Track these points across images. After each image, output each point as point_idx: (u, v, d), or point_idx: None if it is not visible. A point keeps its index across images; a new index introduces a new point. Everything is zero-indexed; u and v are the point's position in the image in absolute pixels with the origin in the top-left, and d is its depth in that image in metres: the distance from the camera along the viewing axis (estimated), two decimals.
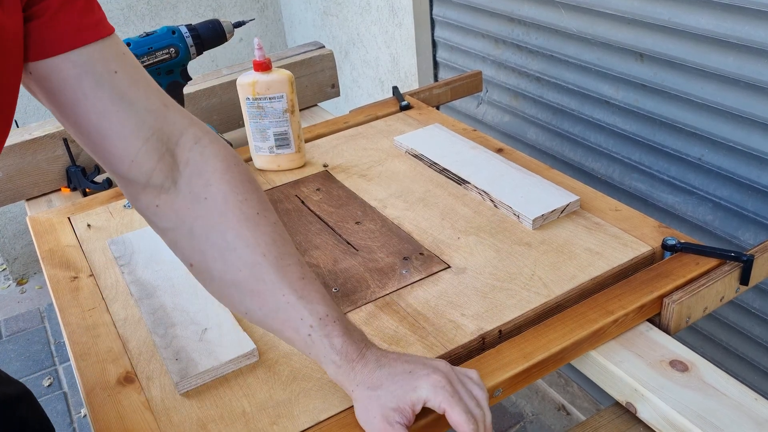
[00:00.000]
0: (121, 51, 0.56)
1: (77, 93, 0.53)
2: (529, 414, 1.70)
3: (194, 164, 0.59)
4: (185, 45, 1.03)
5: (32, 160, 1.13)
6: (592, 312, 0.74)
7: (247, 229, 0.58)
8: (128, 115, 0.54)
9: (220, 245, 0.58)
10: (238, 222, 0.58)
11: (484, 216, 0.94)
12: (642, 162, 1.26)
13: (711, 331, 1.25)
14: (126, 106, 0.54)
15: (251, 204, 0.59)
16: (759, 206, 1.09)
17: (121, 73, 0.54)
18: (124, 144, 0.55)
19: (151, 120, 0.56)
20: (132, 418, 0.67)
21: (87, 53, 0.53)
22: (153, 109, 0.56)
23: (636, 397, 0.68)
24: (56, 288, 0.87)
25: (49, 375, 2.00)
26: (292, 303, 0.58)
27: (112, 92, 0.53)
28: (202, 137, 0.60)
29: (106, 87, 0.53)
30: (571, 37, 1.31)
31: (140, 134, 0.55)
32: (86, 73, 0.53)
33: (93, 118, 0.54)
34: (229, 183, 0.59)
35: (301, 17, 2.44)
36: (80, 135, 0.56)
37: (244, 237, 0.58)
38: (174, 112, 0.59)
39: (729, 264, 0.79)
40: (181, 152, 0.59)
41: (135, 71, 0.57)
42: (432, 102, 1.34)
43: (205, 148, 0.60)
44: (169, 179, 0.58)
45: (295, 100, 1.06)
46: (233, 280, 0.59)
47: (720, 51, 1.05)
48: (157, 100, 0.57)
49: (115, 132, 0.54)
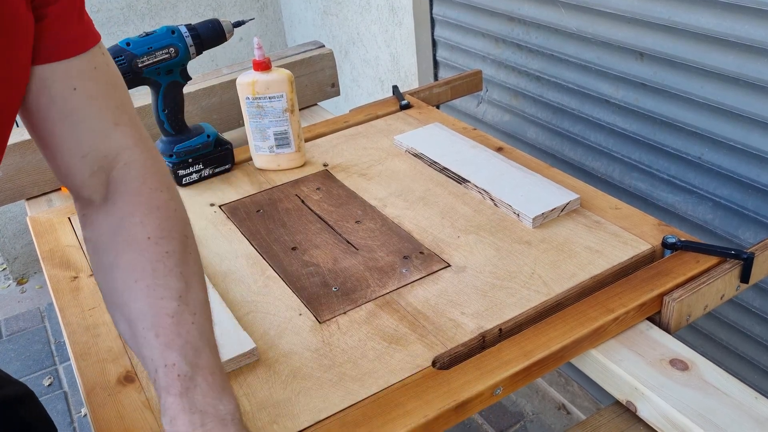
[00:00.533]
0: (93, 65, 0.57)
1: (33, 107, 0.55)
2: (530, 413, 1.70)
3: (115, 184, 0.59)
4: (185, 45, 1.02)
5: (32, 159, 1.13)
6: (592, 310, 0.74)
7: (131, 252, 0.57)
8: (71, 132, 0.56)
9: (107, 263, 0.58)
10: (125, 243, 0.57)
11: (484, 215, 0.94)
12: (642, 161, 1.26)
13: (711, 330, 1.25)
14: (70, 125, 0.56)
15: (146, 228, 0.57)
16: (759, 205, 1.09)
17: (80, 90, 0.56)
18: (62, 156, 0.57)
19: (91, 140, 0.57)
20: (132, 418, 0.67)
21: (51, 70, 0.55)
22: (98, 129, 0.58)
23: (636, 396, 0.68)
24: (56, 288, 0.87)
25: (50, 374, 2.01)
26: (148, 339, 0.53)
27: (62, 111, 0.55)
28: (133, 160, 0.60)
29: (57, 105, 0.55)
30: (571, 37, 1.31)
31: (78, 151, 0.57)
32: (44, 89, 0.55)
33: (40, 129, 0.57)
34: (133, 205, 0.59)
35: (300, 17, 2.44)
36: (31, 134, 0.58)
37: (125, 259, 0.56)
38: (121, 131, 0.59)
39: (729, 262, 0.79)
40: (114, 172, 0.59)
41: (98, 88, 0.58)
42: (432, 101, 1.33)
43: (131, 170, 0.60)
44: (97, 195, 0.60)
45: (295, 99, 1.06)
46: (113, 301, 0.58)
47: (720, 50, 1.05)
48: (108, 119, 0.58)
49: (56, 145, 0.57)
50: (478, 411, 0.67)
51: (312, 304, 0.80)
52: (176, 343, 0.52)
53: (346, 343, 0.74)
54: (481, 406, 0.67)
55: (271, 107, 1.05)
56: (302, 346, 0.74)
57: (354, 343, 0.74)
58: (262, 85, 1.03)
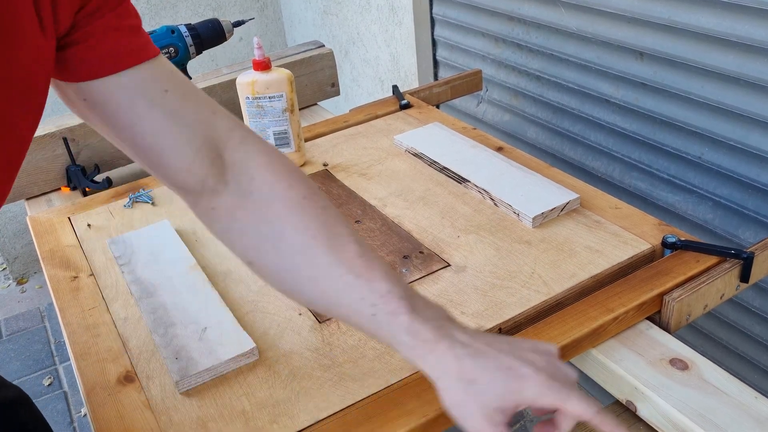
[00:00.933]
0: (169, 69, 0.58)
1: (132, 116, 0.55)
2: (530, 413, 1.70)
3: (240, 163, 0.60)
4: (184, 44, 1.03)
5: (32, 159, 1.13)
6: (592, 310, 0.74)
7: (294, 214, 0.58)
8: (180, 129, 0.57)
9: (270, 235, 0.58)
10: (284, 209, 0.58)
11: (484, 214, 0.94)
12: (642, 161, 1.26)
13: (711, 330, 1.25)
14: (178, 122, 0.57)
15: (297, 190, 0.59)
16: (759, 204, 1.09)
17: (172, 90, 0.57)
18: (178, 156, 0.58)
19: (201, 130, 0.58)
20: (132, 417, 0.67)
21: (138, 75, 0.55)
22: (202, 119, 0.58)
23: (636, 396, 0.68)
24: (56, 288, 0.87)
25: (50, 374, 2.01)
26: (350, 283, 0.56)
27: (164, 111, 0.56)
28: (246, 137, 0.61)
29: (158, 107, 0.56)
30: (571, 36, 1.31)
31: (192, 145, 0.58)
32: (139, 96, 0.55)
33: (148, 138, 0.56)
34: (273, 174, 0.60)
35: (300, 16, 2.44)
36: (137, 154, 0.58)
37: (291, 222, 0.58)
38: (221, 118, 0.60)
39: (729, 261, 0.79)
40: (229, 154, 0.60)
41: (184, 86, 0.59)
42: (432, 101, 1.33)
43: (249, 146, 0.61)
44: (221, 182, 0.60)
45: (295, 99, 1.06)
46: (289, 269, 0.58)
47: (720, 49, 1.05)
48: (206, 110, 0.59)
49: (170, 147, 0.57)
50: None
51: None
52: (377, 275, 0.56)
53: (346, 342, 0.74)
54: None
55: (270, 107, 1.05)
56: (302, 346, 0.74)
57: (354, 343, 0.74)
58: (261, 84, 1.03)
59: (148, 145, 0.57)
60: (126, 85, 0.55)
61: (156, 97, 0.56)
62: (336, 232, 0.58)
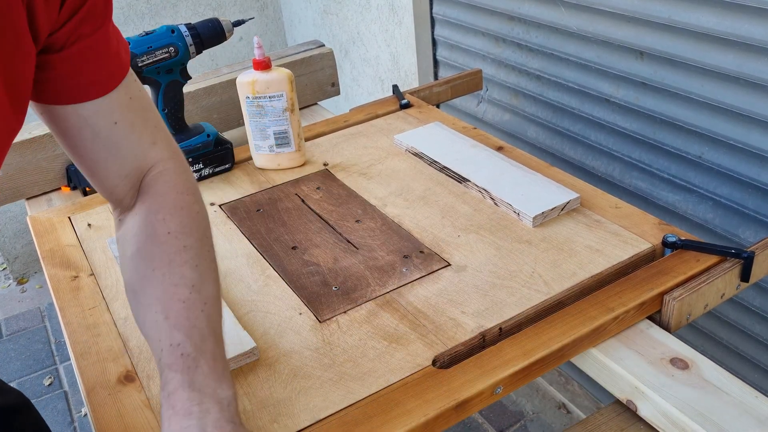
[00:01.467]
0: (129, 96, 0.61)
1: (77, 140, 0.60)
2: (530, 412, 1.70)
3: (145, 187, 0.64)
4: (184, 44, 1.02)
5: (32, 159, 1.13)
6: (592, 309, 0.74)
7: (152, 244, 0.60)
8: (115, 160, 0.62)
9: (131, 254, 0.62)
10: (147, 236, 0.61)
11: (485, 214, 0.94)
12: (642, 160, 1.26)
13: (711, 329, 1.25)
14: (115, 154, 0.61)
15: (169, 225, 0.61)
16: (759, 204, 1.09)
17: (121, 123, 0.60)
18: (108, 178, 0.63)
19: (133, 161, 0.63)
20: (132, 417, 0.67)
21: (94, 107, 0.58)
22: (138, 153, 0.63)
23: (636, 395, 0.68)
24: (57, 287, 0.87)
25: (50, 374, 2.01)
26: (159, 322, 0.56)
27: (106, 144, 0.60)
28: (165, 171, 0.64)
29: (102, 139, 0.60)
30: (571, 36, 1.31)
31: (122, 173, 0.62)
32: (87, 126, 0.59)
33: (86, 160, 0.62)
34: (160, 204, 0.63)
35: (301, 16, 2.44)
36: (77, 162, 0.63)
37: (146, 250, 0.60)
38: (158, 149, 0.64)
39: (730, 261, 0.79)
40: (146, 179, 0.64)
41: (135, 115, 0.61)
42: (432, 100, 1.33)
43: (164, 176, 0.64)
44: (131, 200, 0.64)
45: (295, 98, 1.06)
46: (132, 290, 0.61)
47: (720, 49, 1.05)
48: (146, 141, 0.63)
49: (103, 169, 0.62)
50: (478, 410, 0.67)
51: (312, 304, 0.80)
52: (184, 326, 0.55)
53: (347, 342, 0.74)
54: (482, 405, 0.67)
55: (271, 106, 1.05)
56: (302, 346, 0.74)
57: (354, 343, 0.74)
58: (262, 84, 1.03)
59: (86, 163, 0.62)
60: (80, 114, 0.58)
61: (103, 129, 0.59)
62: (176, 272, 0.59)
